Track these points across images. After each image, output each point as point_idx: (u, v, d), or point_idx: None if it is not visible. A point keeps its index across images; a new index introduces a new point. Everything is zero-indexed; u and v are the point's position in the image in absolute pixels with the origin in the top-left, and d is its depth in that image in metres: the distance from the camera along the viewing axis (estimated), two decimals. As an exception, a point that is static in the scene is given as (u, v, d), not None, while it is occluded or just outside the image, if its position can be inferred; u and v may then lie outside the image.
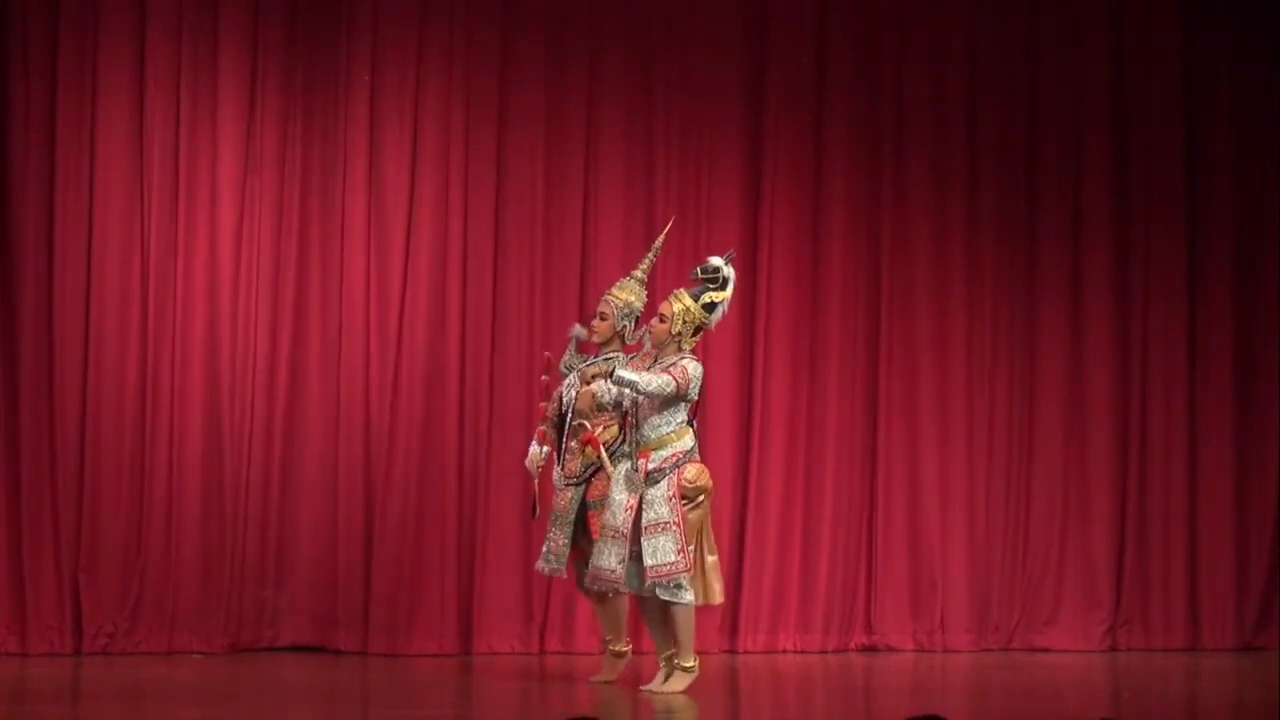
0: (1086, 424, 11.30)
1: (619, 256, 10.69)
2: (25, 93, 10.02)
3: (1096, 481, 11.30)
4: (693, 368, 8.88)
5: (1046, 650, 11.11)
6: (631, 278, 9.39)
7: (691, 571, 8.87)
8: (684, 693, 8.90)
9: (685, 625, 8.92)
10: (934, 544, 11.07)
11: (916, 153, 11.16)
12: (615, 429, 9.12)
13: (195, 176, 10.21)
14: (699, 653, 10.27)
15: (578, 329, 9.46)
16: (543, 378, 9.52)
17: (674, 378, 8.82)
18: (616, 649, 9.29)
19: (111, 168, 10.11)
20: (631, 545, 8.83)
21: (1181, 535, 11.38)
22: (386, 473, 10.34)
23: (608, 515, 8.90)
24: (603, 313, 9.28)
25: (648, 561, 8.77)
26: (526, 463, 9.39)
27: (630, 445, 8.93)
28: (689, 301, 8.97)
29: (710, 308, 9.00)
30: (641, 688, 9.01)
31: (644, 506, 8.84)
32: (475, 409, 10.42)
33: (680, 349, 8.96)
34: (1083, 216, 11.37)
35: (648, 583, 8.80)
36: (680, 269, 10.68)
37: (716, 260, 9.10)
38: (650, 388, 8.81)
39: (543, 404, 9.42)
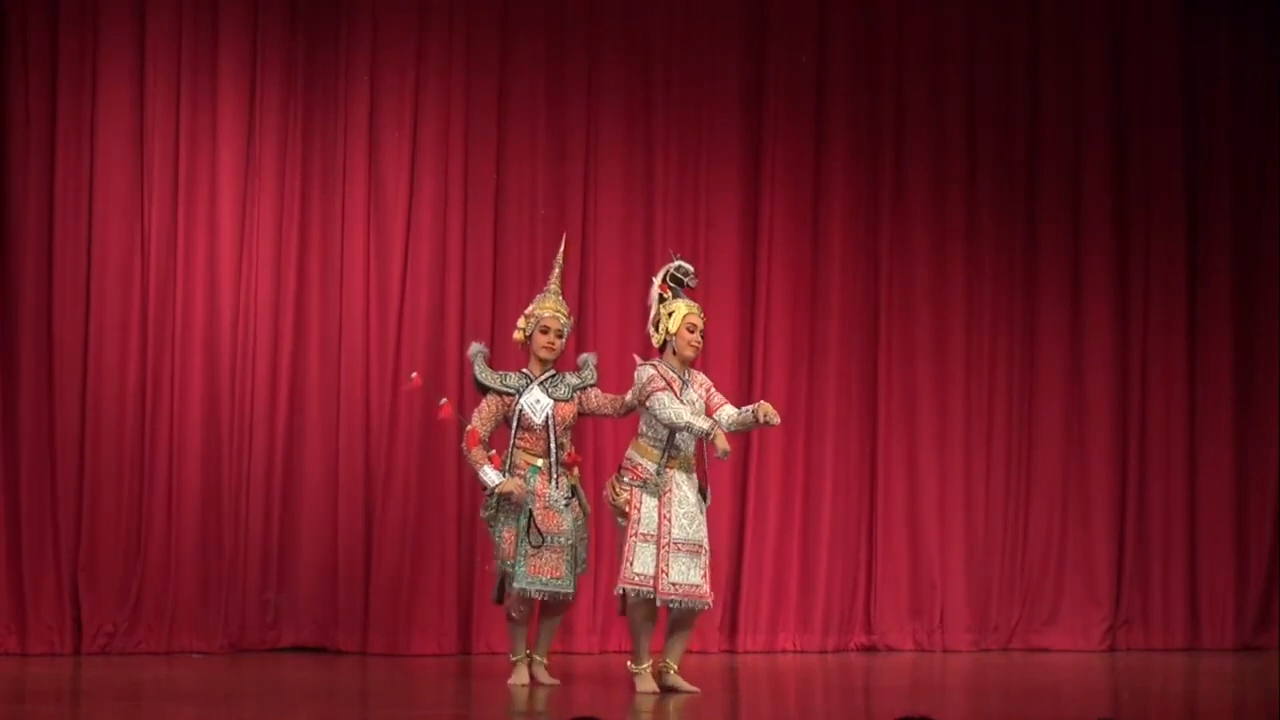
0: (1086, 424, 11.31)
1: (618, 257, 10.70)
2: (25, 92, 10.02)
3: (1096, 481, 11.31)
4: None
5: (1046, 650, 11.12)
6: (551, 292, 9.25)
7: None
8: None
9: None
10: (934, 544, 11.08)
11: (916, 152, 11.17)
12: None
13: (195, 176, 10.21)
14: (699, 652, 10.31)
15: (481, 346, 9.24)
16: (442, 400, 9.34)
17: None
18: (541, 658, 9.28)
19: (111, 167, 10.11)
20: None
21: (1181, 535, 11.39)
22: (387, 472, 10.34)
23: (690, 531, 8.79)
24: (559, 331, 9.19)
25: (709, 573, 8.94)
26: (513, 487, 8.96)
27: (701, 464, 8.94)
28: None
29: None
30: (659, 691, 8.96)
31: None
32: (475, 409, 10.40)
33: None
34: (1083, 216, 11.38)
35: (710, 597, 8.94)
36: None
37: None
38: None
39: (469, 426, 9.11)
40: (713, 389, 9.02)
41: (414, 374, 9.52)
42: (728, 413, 8.88)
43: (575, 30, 10.73)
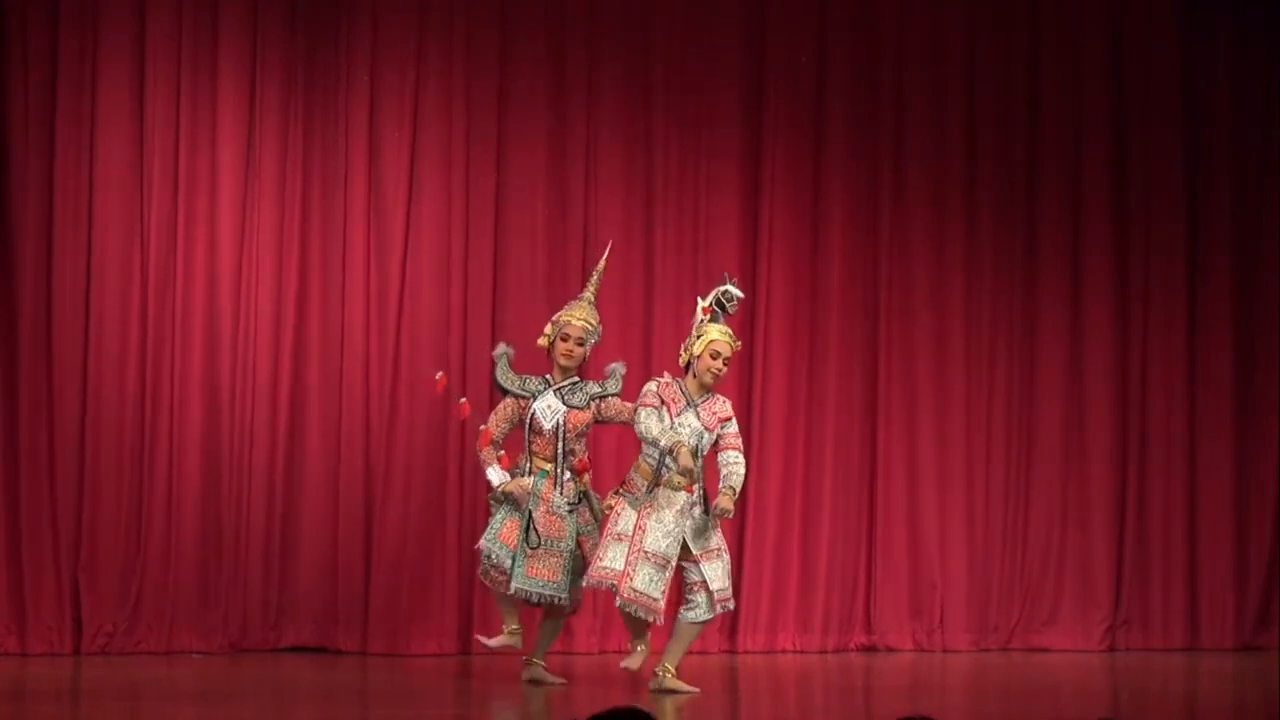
0: (1086, 424, 11.31)
1: (618, 257, 10.68)
2: (25, 92, 10.01)
3: (1096, 481, 11.31)
4: None
5: (1046, 650, 11.12)
6: (584, 300, 9.29)
7: None
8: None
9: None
10: (933, 544, 11.08)
11: (916, 152, 11.17)
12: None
13: (195, 176, 10.20)
14: (699, 652, 10.30)
15: (507, 348, 9.29)
16: (461, 400, 9.42)
17: None
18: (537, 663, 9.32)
19: (111, 167, 10.10)
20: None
21: (1181, 535, 11.39)
22: (387, 472, 10.34)
23: (663, 545, 8.81)
24: (579, 339, 9.20)
25: (713, 586, 8.89)
26: (514, 489, 9.04)
27: (696, 479, 8.92)
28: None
29: None
30: (648, 682, 8.98)
31: (690, 535, 8.89)
32: (475, 409, 10.38)
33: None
34: (1083, 216, 11.37)
35: (718, 607, 8.94)
36: (680, 274, 10.71)
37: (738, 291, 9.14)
38: None
39: (483, 426, 9.16)
40: (729, 425, 9.00)
41: (439, 374, 9.52)
42: (729, 459, 8.93)
43: (575, 30, 10.72)
